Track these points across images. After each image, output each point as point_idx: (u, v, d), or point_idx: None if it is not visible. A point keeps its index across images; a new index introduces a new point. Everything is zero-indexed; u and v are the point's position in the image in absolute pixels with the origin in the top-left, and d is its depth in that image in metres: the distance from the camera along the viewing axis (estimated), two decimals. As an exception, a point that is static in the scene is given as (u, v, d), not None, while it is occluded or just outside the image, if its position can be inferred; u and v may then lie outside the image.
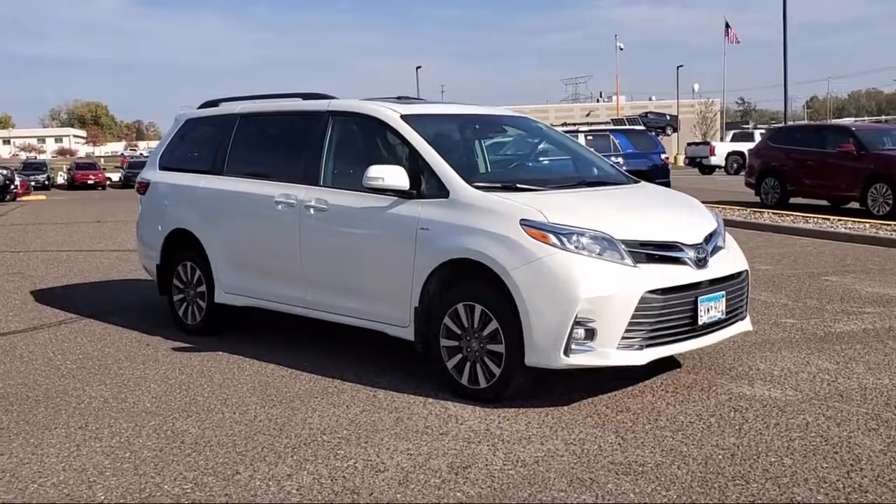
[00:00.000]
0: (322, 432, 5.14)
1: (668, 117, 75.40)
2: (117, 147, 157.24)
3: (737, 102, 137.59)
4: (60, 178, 60.58)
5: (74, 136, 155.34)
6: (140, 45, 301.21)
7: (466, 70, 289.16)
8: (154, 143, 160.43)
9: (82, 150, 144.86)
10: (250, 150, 7.53)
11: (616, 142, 21.39)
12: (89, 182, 54.37)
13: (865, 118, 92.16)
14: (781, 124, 36.56)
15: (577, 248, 5.27)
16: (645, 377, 6.06)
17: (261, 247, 7.06)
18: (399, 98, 7.19)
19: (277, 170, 7.10)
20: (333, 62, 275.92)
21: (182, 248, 7.88)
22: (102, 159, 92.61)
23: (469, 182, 5.79)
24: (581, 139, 19.96)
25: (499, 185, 5.87)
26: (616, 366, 5.34)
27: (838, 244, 14.00)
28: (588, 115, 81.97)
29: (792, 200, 20.00)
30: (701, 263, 5.58)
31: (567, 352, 5.19)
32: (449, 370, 5.75)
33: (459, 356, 5.70)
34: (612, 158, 15.82)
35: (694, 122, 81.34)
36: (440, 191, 5.82)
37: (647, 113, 76.03)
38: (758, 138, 42.85)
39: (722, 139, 56.49)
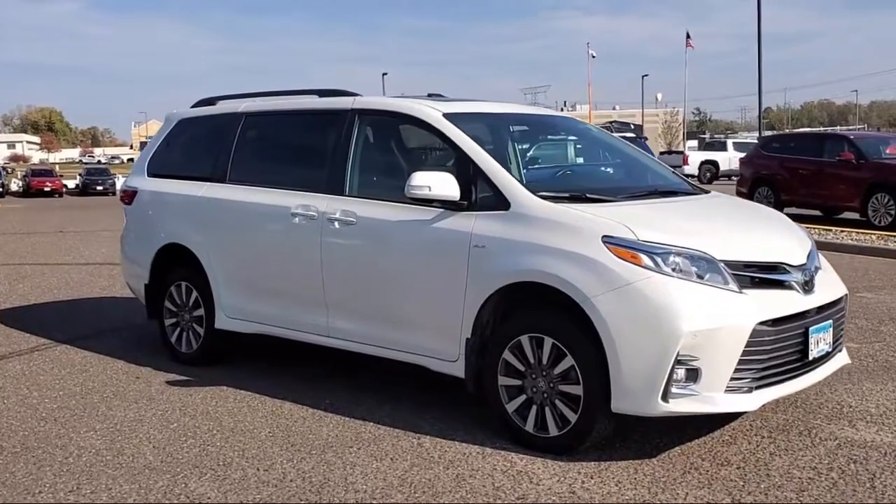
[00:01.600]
0: (371, 496, 4.23)
1: (632, 126, 75.06)
2: (72, 153, 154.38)
3: (693, 112, 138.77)
4: (14, 185, 58.58)
5: (28, 142, 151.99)
6: (96, 50, 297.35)
7: (428, 78, 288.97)
8: (110, 150, 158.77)
9: (36, 156, 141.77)
10: (258, 154, 6.60)
11: (606, 149, 20.59)
12: (46, 189, 52.59)
13: (820, 129, 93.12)
14: (747, 133, 36.18)
15: (673, 270, 4.41)
16: (727, 417, 5.22)
17: (273, 266, 6.12)
18: (430, 95, 6.30)
19: (293, 177, 6.18)
20: (294, 69, 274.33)
21: (175, 265, 6.92)
22: (57, 166, 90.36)
23: (533, 191, 4.91)
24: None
25: (566, 194, 5.00)
26: (722, 413, 4.49)
27: (850, 257, 13.40)
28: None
29: (785, 210, 19.39)
30: (808, 287, 4.77)
31: (666, 396, 4.33)
32: (509, 414, 4.87)
33: (522, 398, 4.83)
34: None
35: (658, 132, 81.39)
36: (498, 202, 4.95)
37: (611, 122, 75.70)
38: (730, 147, 42.75)
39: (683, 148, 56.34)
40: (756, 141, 39.34)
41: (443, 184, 5.01)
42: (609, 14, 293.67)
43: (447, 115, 5.42)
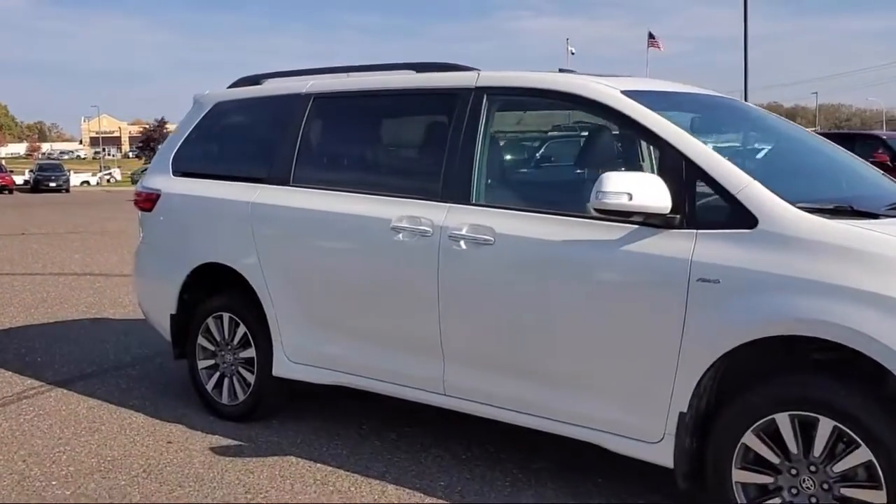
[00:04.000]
0: None
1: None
2: (19, 148, 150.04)
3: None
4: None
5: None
6: (45, 44, 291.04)
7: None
8: (58, 145, 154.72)
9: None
10: (336, 148, 5.04)
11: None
12: (-5, 185, 50.06)
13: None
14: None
15: None
16: None
17: (361, 296, 4.58)
18: (561, 71, 4.77)
19: (389, 179, 4.67)
20: (248, 66, 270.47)
21: (215, 292, 5.33)
22: (3, 161, 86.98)
23: (791, 202, 3.42)
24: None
25: (830, 206, 3.50)
26: None
27: None
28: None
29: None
30: None
31: None
32: (753, 525, 3.36)
33: (775, 502, 3.32)
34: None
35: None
36: (735, 216, 3.46)
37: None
38: (711, 148, 41.74)
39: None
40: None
41: (649, 190, 3.51)
42: (560, 15, 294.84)
43: (629, 94, 3.92)
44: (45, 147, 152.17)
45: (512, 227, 4.00)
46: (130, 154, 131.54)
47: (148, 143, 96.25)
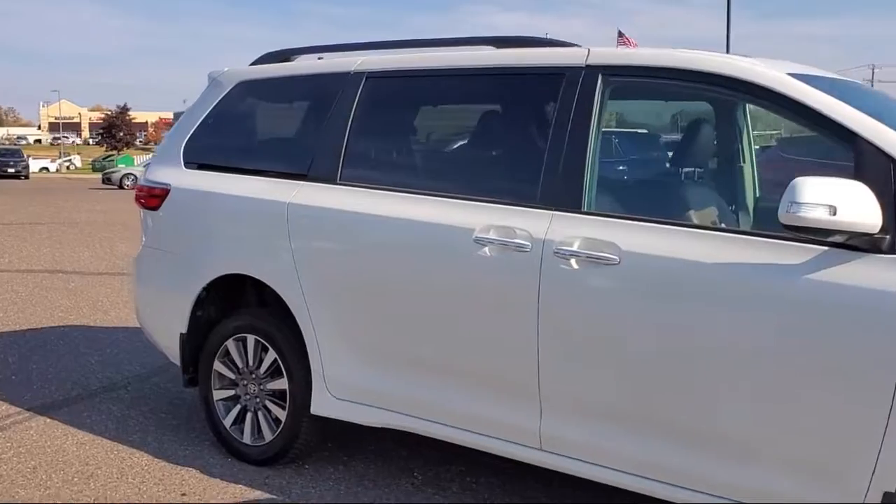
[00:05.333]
0: None
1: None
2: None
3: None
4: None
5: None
6: (2, 25, 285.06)
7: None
8: (17, 130, 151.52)
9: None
10: (397, 139, 4.15)
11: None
12: (-49, 171, 48.21)
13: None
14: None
15: None
16: None
17: (432, 322, 3.70)
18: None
19: (471, 178, 3.80)
20: (211, 55, 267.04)
21: (236, 308, 4.43)
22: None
23: None
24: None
25: None
26: None
27: None
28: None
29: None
30: None
31: None
32: None
33: None
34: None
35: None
36: (972, 241, 2.63)
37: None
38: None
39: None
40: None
41: (857, 202, 2.67)
42: (528, 11, 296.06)
43: (800, 77, 3.10)
44: (2, 132, 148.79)
45: (643, 242, 3.15)
46: (91, 141, 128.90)
47: (109, 129, 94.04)
